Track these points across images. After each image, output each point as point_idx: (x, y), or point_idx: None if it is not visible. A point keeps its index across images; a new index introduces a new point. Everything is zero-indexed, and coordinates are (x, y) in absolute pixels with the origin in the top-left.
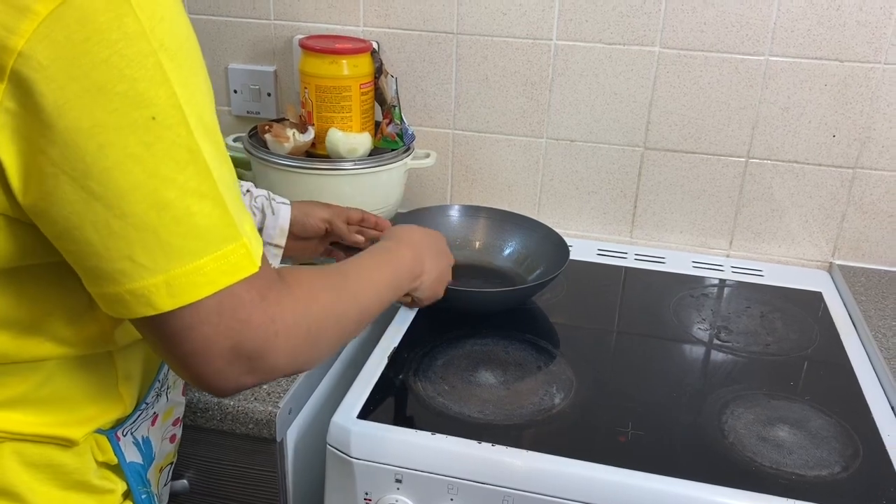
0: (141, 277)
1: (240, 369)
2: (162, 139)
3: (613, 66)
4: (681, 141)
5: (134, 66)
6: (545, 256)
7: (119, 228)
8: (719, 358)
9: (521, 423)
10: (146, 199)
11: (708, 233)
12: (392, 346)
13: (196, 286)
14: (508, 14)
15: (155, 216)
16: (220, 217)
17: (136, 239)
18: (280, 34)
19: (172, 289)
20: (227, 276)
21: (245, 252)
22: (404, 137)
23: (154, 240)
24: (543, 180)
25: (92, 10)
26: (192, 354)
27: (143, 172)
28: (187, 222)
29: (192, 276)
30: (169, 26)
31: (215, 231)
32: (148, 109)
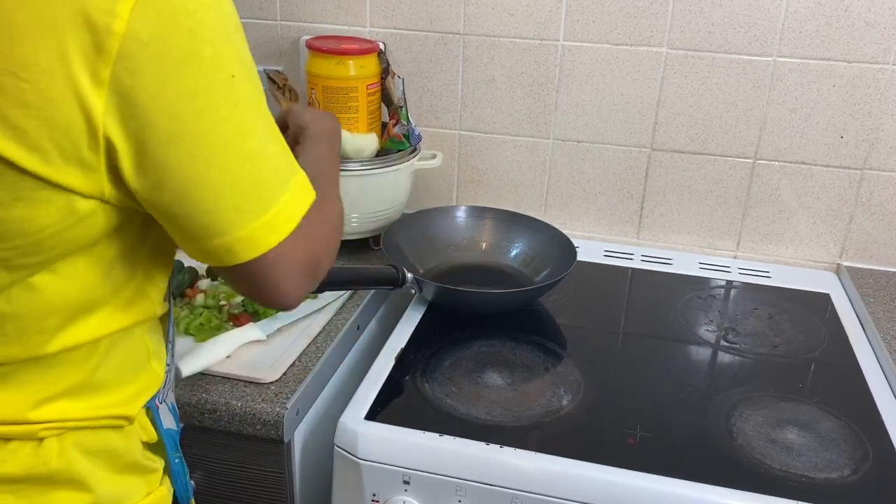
0: (248, 222)
1: (309, 279)
2: (242, 96)
3: (620, 66)
4: (688, 142)
5: (212, 31)
6: (552, 257)
7: (221, 183)
8: (727, 359)
9: (528, 425)
10: (238, 152)
11: (715, 234)
12: (399, 347)
13: (287, 219)
14: (515, 15)
15: (249, 165)
16: (285, 153)
17: (237, 190)
18: (287, 35)
19: (272, 226)
20: (304, 202)
21: (304, 178)
22: (411, 138)
23: (251, 186)
24: (550, 181)
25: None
26: (286, 279)
27: (234, 129)
28: (271, 164)
29: (284, 210)
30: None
31: (287, 166)
32: (228, 69)
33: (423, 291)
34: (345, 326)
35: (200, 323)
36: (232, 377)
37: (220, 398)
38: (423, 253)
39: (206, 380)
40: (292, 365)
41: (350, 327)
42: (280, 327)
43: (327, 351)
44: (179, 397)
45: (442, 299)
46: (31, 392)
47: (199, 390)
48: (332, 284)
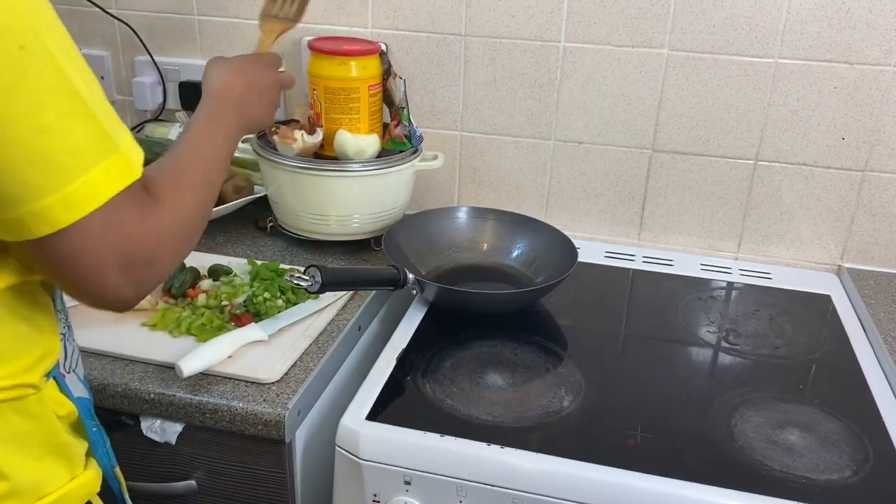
0: (38, 198)
1: (134, 280)
2: (33, 67)
3: (622, 68)
4: (689, 143)
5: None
6: (553, 258)
7: (9, 155)
8: (728, 361)
9: (529, 426)
10: (29, 125)
11: (716, 235)
12: (400, 348)
13: (88, 198)
14: (517, 16)
15: (42, 139)
16: (97, 132)
17: (27, 162)
18: (288, 36)
19: (68, 203)
20: (112, 185)
21: (125, 161)
22: (412, 139)
23: (44, 160)
24: (551, 182)
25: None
26: (87, 273)
27: (21, 100)
28: (70, 140)
29: (82, 188)
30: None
31: (95, 146)
32: (15, 39)
33: (424, 292)
34: (346, 327)
35: (202, 323)
36: (233, 377)
37: (222, 398)
38: (425, 254)
39: (207, 380)
40: (294, 365)
41: (351, 328)
42: (282, 328)
43: (329, 351)
44: (181, 398)
45: (443, 300)
46: None
47: (201, 390)
48: (333, 285)
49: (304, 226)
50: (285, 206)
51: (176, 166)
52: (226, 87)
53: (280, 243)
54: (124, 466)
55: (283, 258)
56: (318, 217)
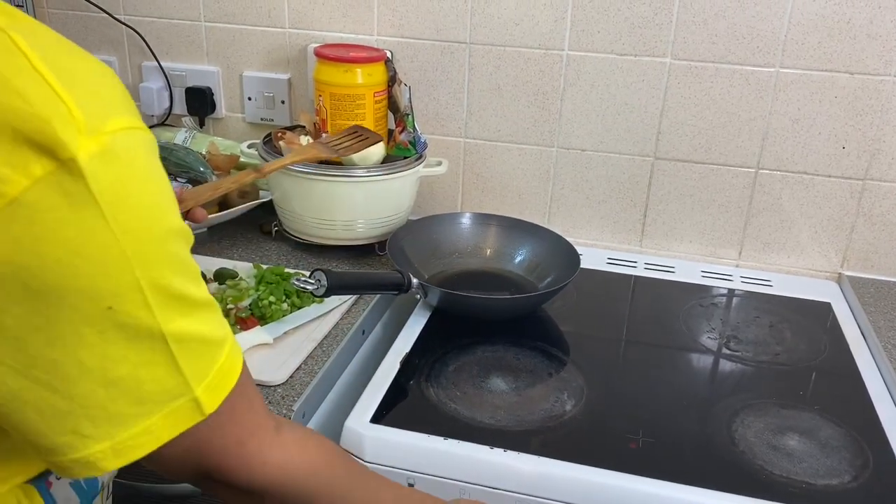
0: (86, 447)
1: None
2: (117, 325)
3: (624, 76)
4: (691, 151)
5: (93, 262)
6: (556, 264)
7: (65, 408)
8: (729, 367)
9: (532, 429)
10: (95, 380)
11: (717, 242)
12: (404, 352)
13: (141, 446)
14: (521, 24)
15: (103, 393)
16: (171, 378)
17: (82, 415)
18: (294, 42)
19: (119, 452)
20: (171, 429)
21: (192, 405)
22: (417, 145)
23: (102, 413)
24: (554, 189)
25: (45, 208)
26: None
27: (94, 357)
28: (137, 391)
29: (139, 437)
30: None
31: (164, 393)
32: (105, 301)
33: (428, 296)
34: (350, 330)
35: None
36: None
37: None
38: (428, 259)
39: None
40: (298, 368)
41: (356, 331)
42: (287, 331)
43: (333, 354)
44: None
45: (447, 304)
46: None
47: None
48: (338, 289)
49: (309, 230)
50: (290, 211)
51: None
52: None
53: (285, 248)
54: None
55: (288, 262)
56: (322, 222)
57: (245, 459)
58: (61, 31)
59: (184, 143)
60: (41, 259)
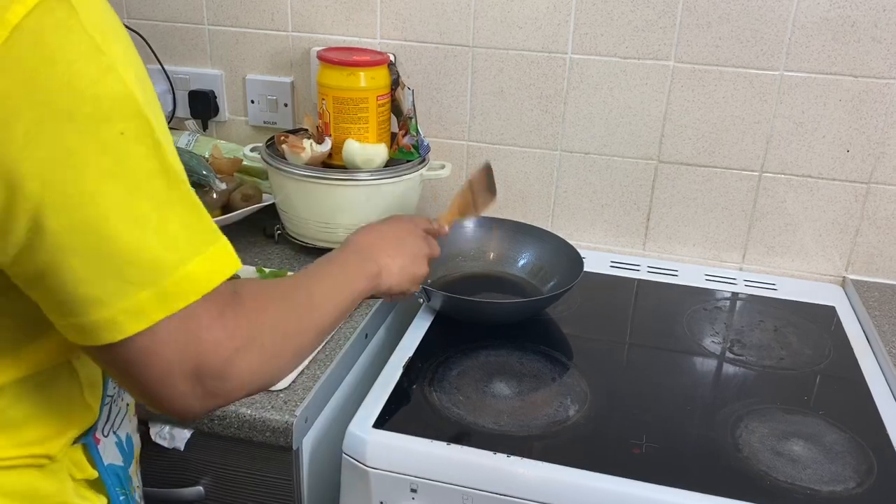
0: (132, 294)
1: (203, 391)
2: (132, 153)
3: (628, 79)
4: (695, 154)
5: (97, 84)
6: (559, 268)
7: (105, 249)
8: (732, 371)
9: (535, 435)
10: (127, 216)
11: (721, 246)
12: (407, 356)
13: (185, 293)
14: (524, 28)
15: (139, 232)
16: (199, 220)
17: (123, 258)
18: (297, 45)
19: (164, 298)
20: (213, 278)
21: (227, 251)
22: (420, 149)
23: (140, 255)
24: (557, 192)
25: (42, 31)
26: (157, 379)
27: (121, 189)
28: (170, 231)
29: (182, 283)
30: (114, 36)
31: (196, 235)
32: (116, 125)
33: (431, 301)
34: (353, 334)
35: None
36: None
37: (230, 405)
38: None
39: None
40: (301, 373)
41: (358, 335)
42: None
43: (336, 359)
44: None
45: (450, 309)
46: None
47: None
48: None
49: (312, 234)
50: (293, 214)
51: (280, 282)
52: (354, 236)
53: (288, 251)
54: None
55: (291, 266)
56: (325, 225)
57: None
58: None
59: (187, 146)
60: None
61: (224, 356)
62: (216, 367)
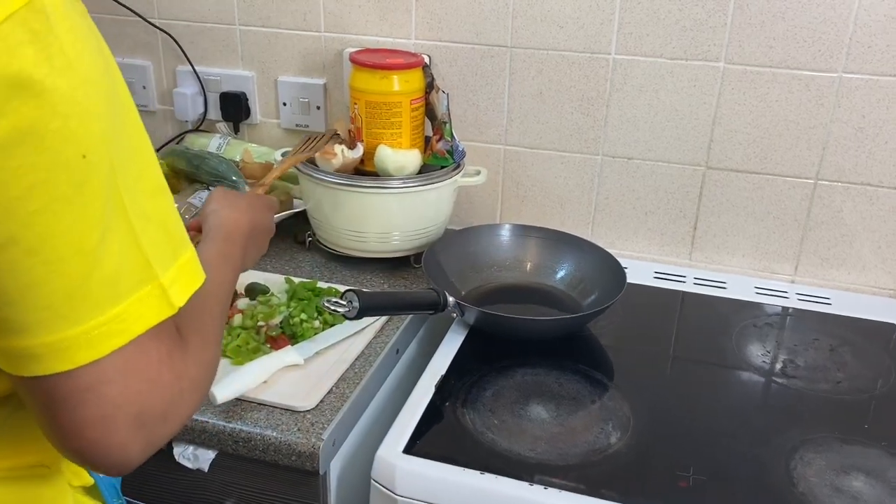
0: (60, 329)
1: (144, 438)
2: (91, 179)
3: (675, 81)
4: (745, 161)
5: (65, 103)
6: (600, 281)
7: (42, 275)
8: (785, 395)
9: (574, 464)
10: (72, 244)
11: (772, 257)
12: (439, 374)
13: (113, 334)
14: (565, 27)
15: (80, 262)
16: (137, 257)
17: (59, 287)
18: (330, 47)
19: (91, 340)
20: (143, 320)
21: (160, 293)
22: (454, 154)
23: (78, 288)
24: (598, 199)
25: (14, 43)
26: (91, 421)
27: (71, 215)
28: (108, 266)
29: (110, 324)
30: (91, 55)
31: (132, 275)
32: (80, 147)
33: (464, 315)
34: (384, 350)
35: (238, 345)
36: (268, 404)
37: (255, 427)
38: (466, 272)
39: (241, 406)
40: (329, 392)
41: (389, 351)
42: (318, 351)
43: (365, 377)
44: (214, 425)
45: (484, 324)
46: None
47: (235, 417)
48: (371, 310)
49: (343, 242)
50: (324, 221)
51: (197, 303)
52: (235, 223)
53: (319, 259)
54: (157, 490)
55: (322, 275)
56: (356, 234)
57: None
58: None
59: (218, 149)
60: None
61: (169, 398)
62: (159, 411)
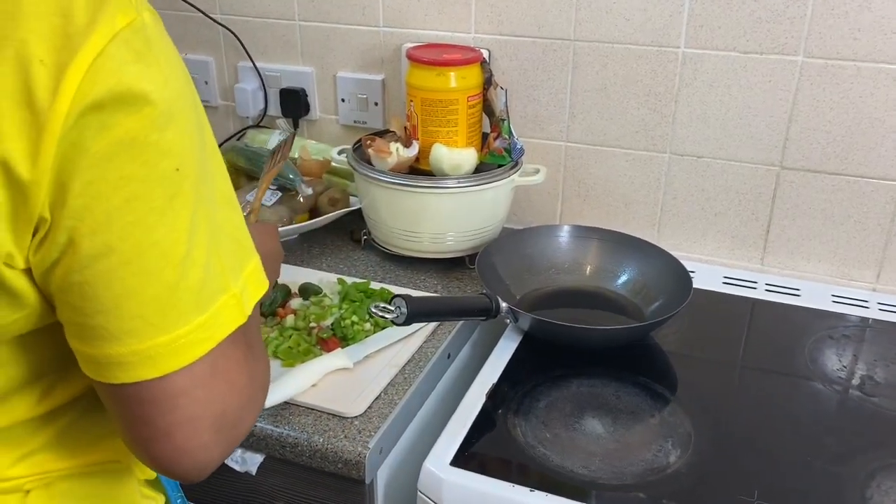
0: (150, 337)
1: (223, 441)
2: (182, 191)
3: (748, 76)
4: (824, 161)
5: (164, 117)
6: (665, 287)
7: (134, 285)
8: (862, 414)
9: (629, 484)
10: (164, 255)
11: (852, 263)
12: (490, 383)
13: (199, 342)
14: (632, 20)
15: (170, 273)
16: (216, 268)
17: (150, 297)
18: (389, 42)
19: (179, 348)
20: (223, 328)
21: (236, 302)
22: (512, 152)
23: (168, 298)
24: (665, 199)
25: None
26: (181, 425)
27: (164, 227)
28: (194, 277)
29: (196, 332)
30: (180, 72)
31: (213, 284)
32: (174, 160)
33: (518, 322)
34: (435, 355)
35: (289, 346)
36: (315, 409)
37: (303, 432)
38: (522, 274)
39: (289, 410)
40: (378, 398)
41: (440, 356)
42: (368, 354)
43: (415, 383)
44: (261, 429)
45: (539, 331)
46: (7, 451)
47: (282, 422)
48: (419, 316)
49: (397, 242)
50: (378, 220)
51: (256, 325)
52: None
53: (373, 258)
54: (205, 491)
55: (375, 274)
56: (410, 234)
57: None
58: None
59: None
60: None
61: (245, 401)
62: (236, 414)
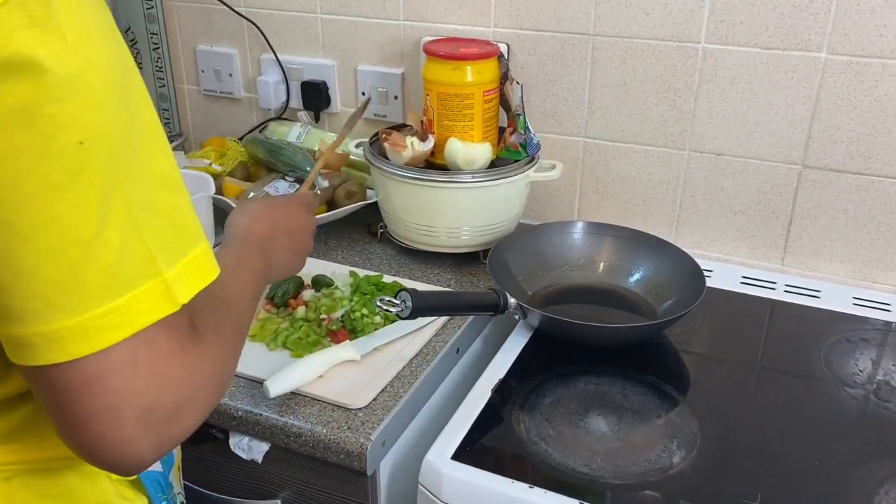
0: (54, 319)
1: (152, 436)
2: (88, 167)
3: (770, 73)
4: (847, 160)
5: (62, 88)
6: (678, 286)
7: (33, 263)
8: (876, 421)
9: (631, 484)
10: (66, 233)
11: (874, 265)
12: (497, 378)
13: (112, 328)
14: (651, 14)
15: (74, 252)
16: (139, 251)
17: (51, 276)
18: (409, 35)
19: (88, 332)
20: (145, 315)
21: (163, 289)
22: (528, 148)
23: (71, 278)
24: (684, 196)
25: (12, 25)
26: (98, 414)
27: (64, 203)
28: (106, 258)
29: (108, 316)
30: (99, 43)
31: (133, 268)
32: (76, 134)
33: (527, 318)
34: (443, 349)
35: (298, 337)
36: (321, 399)
37: (307, 422)
38: (535, 270)
39: (294, 400)
40: (383, 390)
41: (448, 350)
42: (376, 347)
43: (421, 377)
44: (267, 418)
45: (549, 327)
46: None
47: (287, 411)
48: (425, 310)
49: (412, 236)
50: (393, 214)
51: (214, 300)
52: (248, 230)
53: (389, 251)
54: (213, 477)
55: (390, 268)
56: (425, 228)
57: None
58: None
59: (298, 138)
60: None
61: (182, 393)
62: (171, 407)
